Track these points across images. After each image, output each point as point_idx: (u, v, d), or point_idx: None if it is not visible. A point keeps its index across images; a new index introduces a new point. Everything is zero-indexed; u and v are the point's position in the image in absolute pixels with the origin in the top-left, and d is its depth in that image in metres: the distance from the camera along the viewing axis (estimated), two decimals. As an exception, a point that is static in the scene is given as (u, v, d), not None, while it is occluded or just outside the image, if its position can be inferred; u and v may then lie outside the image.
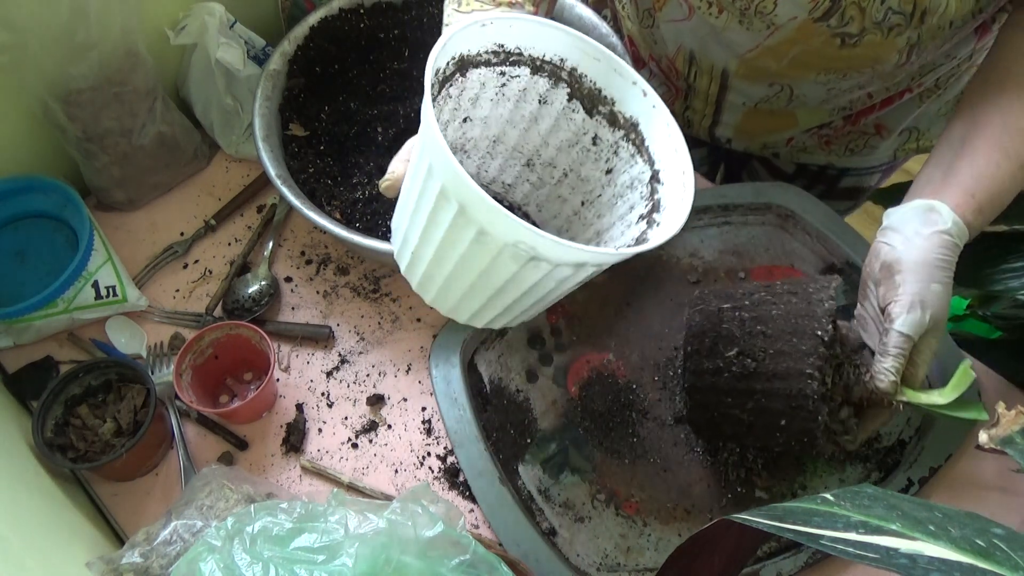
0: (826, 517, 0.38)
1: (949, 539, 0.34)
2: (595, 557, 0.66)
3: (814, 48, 0.71)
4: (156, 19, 0.82)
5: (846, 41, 0.70)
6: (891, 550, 0.34)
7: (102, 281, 0.76)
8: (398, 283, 0.81)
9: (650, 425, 0.73)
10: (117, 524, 0.68)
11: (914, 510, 0.38)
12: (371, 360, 0.77)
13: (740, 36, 0.74)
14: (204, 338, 0.71)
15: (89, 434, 0.68)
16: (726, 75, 0.81)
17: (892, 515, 0.37)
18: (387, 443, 0.72)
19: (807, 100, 0.80)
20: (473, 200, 0.46)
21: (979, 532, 0.35)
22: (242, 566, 0.48)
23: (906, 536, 0.35)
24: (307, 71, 0.84)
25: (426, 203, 0.50)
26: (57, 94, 0.74)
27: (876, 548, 0.34)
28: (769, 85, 0.80)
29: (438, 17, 0.89)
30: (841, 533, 0.36)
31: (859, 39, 0.69)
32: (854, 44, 0.70)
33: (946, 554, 0.33)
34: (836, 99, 0.80)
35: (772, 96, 0.81)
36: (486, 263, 0.50)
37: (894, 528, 0.35)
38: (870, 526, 0.36)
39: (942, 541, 0.34)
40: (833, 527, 0.37)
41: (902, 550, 0.34)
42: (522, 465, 0.70)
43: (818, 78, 0.76)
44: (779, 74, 0.77)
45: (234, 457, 0.71)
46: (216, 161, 0.90)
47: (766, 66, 0.76)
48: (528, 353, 0.76)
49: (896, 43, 0.69)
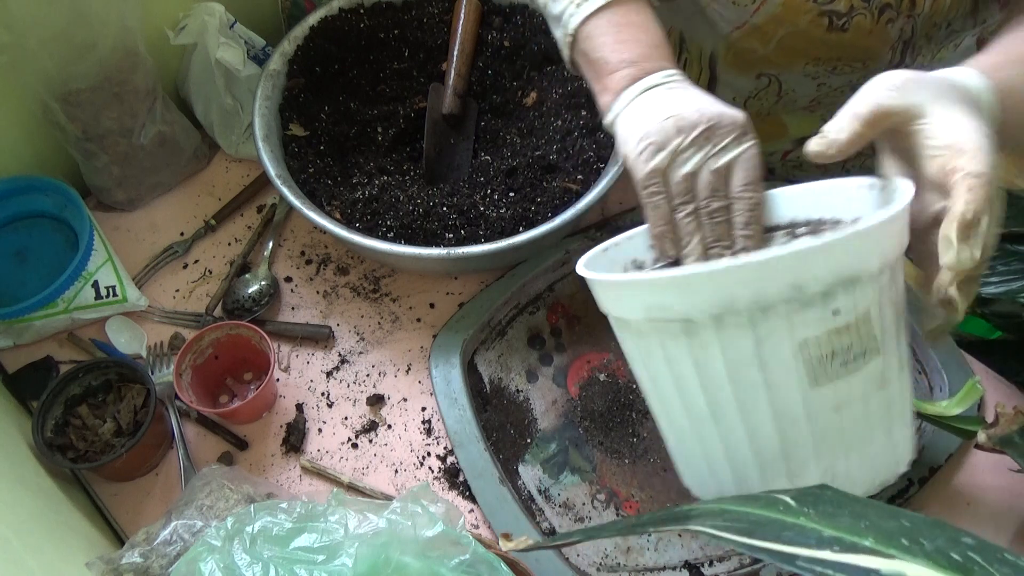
0: (796, 531, 0.37)
1: (924, 554, 0.33)
2: (595, 557, 0.66)
3: (801, 29, 0.70)
4: (156, 19, 0.82)
5: (834, 22, 0.68)
6: (871, 571, 0.33)
7: (102, 281, 0.76)
8: (398, 283, 0.82)
9: (650, 425, 0.73)
10: (117, 524, 0.68)
11: (881, 519, 0.37)
12: (371, 360, 0.77)
13: (727, 10, 0.72)
14: (204, 338, 0.71)
15: (89, 434, 0.68)
16: (714, 62, 0.80)
17: (861, 526, 0.36)
18: (387, 443, 0.72)
19: (796, 97, 0.80)
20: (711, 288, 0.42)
21: (951, 543, 0.34)
22: (242, 566, 0.48)
23: (882, 554, 0.34)
24: (307, 71, 0.84)
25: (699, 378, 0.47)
26: (57, 94, 0.74)
27: (856, 569, 0.34)
28: (757, 77, 0.79)
29: (438, 17, 0.89)
30: (816, 552, 0.35)
31: (848, 20, 0.67)
32: (842, 27, 0.68)
33: (928, 574, 0.32)
34: (827, 100, 0.79)
35: (760, 90, 0.80)
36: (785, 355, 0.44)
37: (867, 545, 0.35)
38: (844, 543, 0.35)
39: (919, 558, 0.33)
40: (806, 544, 0.36)
41: (883, 571, 0.33)
42: (522, 465, 0.70)
43: (806, 68, 0.75)
44: (766, 61, 0.76)
45: (234, 457, 0.71)
46: (216, 161, 0.90)
47: (752, 48, 0.75)
48: (528, 353, 0.76)
49: (887, 33, 0.68)
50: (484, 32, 0.87)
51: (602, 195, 0.72)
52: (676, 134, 0.54)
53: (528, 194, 0.76)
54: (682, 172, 0.54)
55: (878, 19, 0.67)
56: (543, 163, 0.78)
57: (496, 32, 0.87)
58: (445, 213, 0.74)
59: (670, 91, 0.57)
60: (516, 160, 0.79)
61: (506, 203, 0.76)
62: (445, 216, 0.74)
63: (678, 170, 0.54)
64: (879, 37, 0.69)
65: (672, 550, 0.66)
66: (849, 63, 0.72)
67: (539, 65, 0.86)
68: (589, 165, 0.77)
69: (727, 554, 0.66)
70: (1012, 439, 0.56)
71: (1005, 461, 0.64)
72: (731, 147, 0.54)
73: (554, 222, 0.71)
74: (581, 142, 0.79)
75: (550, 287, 0.79)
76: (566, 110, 0.82)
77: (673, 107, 0.55)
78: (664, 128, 0.54)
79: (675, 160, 0.54)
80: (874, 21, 0.67)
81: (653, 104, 0.56)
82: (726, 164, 0.54)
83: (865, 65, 0.72)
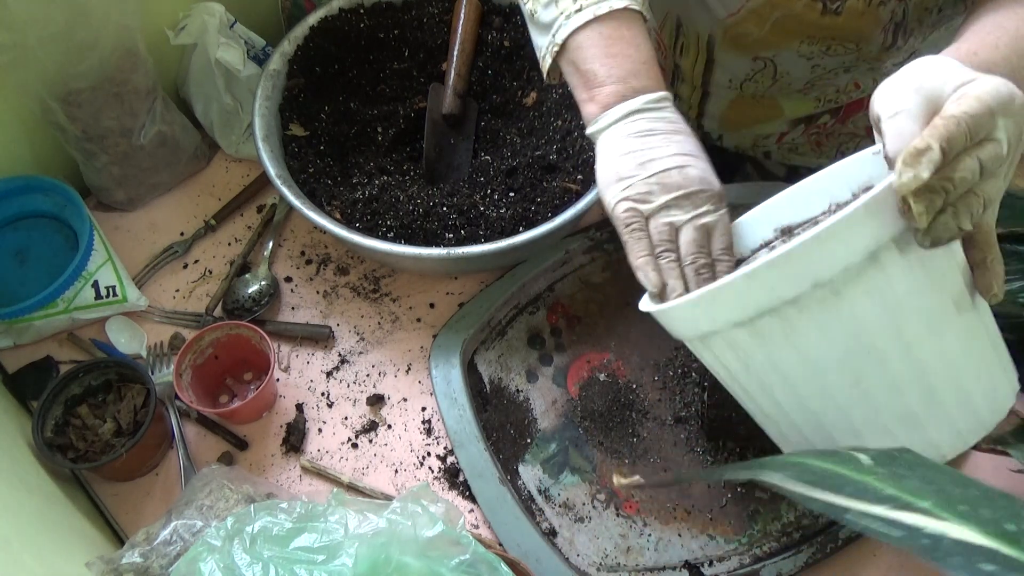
0: (858, 487, 0.38)
1: (978, 521, 0.33)
2: (595, 557, 0.66)
3: (795, 12, 0.71)
4: (156, 19, 0.82)
5: (827, 6, 0.69)
6: (915, 529, 0.34)
7: (102, 281, 0.76)
8: (398, 283, 0.82)
9: (650, 425, 0.73)
10: (117, 524, 0.68)
11: (950, 485, 0.37)
12: (371, 360, 0.77)
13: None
14: (204, 338, 0.71)
15: (89, 434, 0.68)
16: (712, 45, 0.81)
17: (927, 490, 0.36)
18: (387, 443, 0.72)
19: (791, 79, 0.80)
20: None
21: (1011, 516, 0.34)
22: (242, 566, 0.48)
23: (935, 515, 0.34)
24: (307, 71, 0.84)
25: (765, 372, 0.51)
26: (57, 94, 0.74)
27: (901, 525, 0.34)
28: (753, 59, 0.79)
29: (438, 17, 0.89)
30: (869, 507, 0.36)
31: (841, 3, 0.68)
32: (836, 10, 0.69)
33: (971, 537, 0.33)
34: (821, 82, 0.80)
35: (756, 73, 0.81)
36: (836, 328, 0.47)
37: (925, 506, 0.35)
38: (900, 501, 0.36)
39: (971, 523, 0.33)
40: (863, 499, 0.37)
41: (927, 530, 0.33)
42: (522, 465, 0.70)
43: (801, 48, 0.75)
44: (762, 43, 0.76)
45: (234, 457, 0.71)
46: (216, 161, 0.90)
47: (748, 32, 0.75)
48: (528, 353, 0.76)
49: (879, 16, 0.69)
50: (484, 32, 0.87)
51: (602, 195, 0.72)
52: (660, 192, 0.57)
53: (528, 194, 0.76)
54: (664, 221, 0.57)
55: (870, 2, 0.68)
56: (543, 163, 0.78)
57: (496, 32, 0.87)
58: (445, 213, 0.74)
59: (652, 124, 0.59)
60: (516, 160, 0.79)
61: (506, 203, 0.76)
62: (445, 216, 0.74)
63: (660, 219, 0.57)
64: (871, 20, 0.69)
65: (672, 550, 0.66)
66: (843, 44, 0.73)
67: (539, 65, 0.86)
68: (589, 165, 0.77)
69: (727, 554, 0.66)
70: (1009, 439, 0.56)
71: (1005, 461, 0.64)
72: (711, 211, 0.57)
73: (554, 222, 0.71)
74: (581, 142, 0.79)
75: (550, 287, 0.79)
76: (566, 110, 0.82)
77: (655, 158, 0.57)
78: (647, 183, 0.57)
79: (656, 213, 0.57)
80: (866, 4, 0.68)
81: (634, 142, 0.58)
82: (708, 225, 0.57)
83: (858, 47, 0.73)
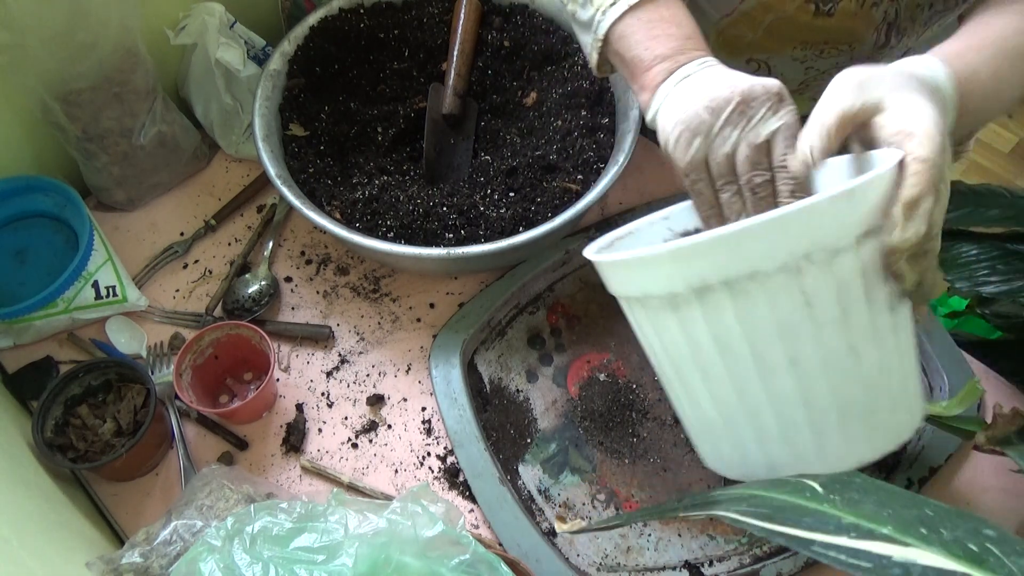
0: (816, 517, 0.38)
1: (942, 543, 0.34)
2: (595, 557, 0.66)
3: (788, 15, 0.70)
4: (156, 19, 0.82)
5: (820, 8, 0.69)
6: (884, 558, 0.34)
7: (102, 281, 0.76)
8: (398, 283, 0.82)
9: (650, 425, 0.73)
10: (117, 524, 0.68)
11: (905, 507, 0.37)
12: (371, 360, 0.77)
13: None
14: (204, 338, 0.71)
15: (89, 434, 0.68)
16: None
17: (883, 515, 0.37)
18: (387, 443, 0.72)
19: (785, 81, 0.80)
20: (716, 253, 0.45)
21: (971, 534, 0.34)
22: (242, 566, 0.48)
23: (898, 542, 0.34)
24: (307, 71, 0.84)
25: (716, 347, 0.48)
26: (57, 94, 0.74)
27: (869, 556, 0.34)
28: (747, 62, 0.79)
29: (438, 17, 0.89)
30: (832, 538, 0.36)
31: (833, 5, 0.68)
32: (828, 12, 0.69)
33: (940, 562, 0.33)
34: (815, 83, 0.80)
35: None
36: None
37: (886, 532, 0.35)
38: (862, 529, 0.36)
39: (935, 547, 0.33)
40: (824, 529, 0.37)
41: (895, 558, 0.33)
42: (522, 465, 0.70)
43: (794, 52, 0.75)
44: (756, 46, 0.76)
45: (234, 457, 0.71)
46: (216, 161, 0.90)
47: (742, 35, 0.75)
48: (528, 353, 0.76)
49: (872, 16, 0.69)
50: (484, 32, 0.87)
51: (602, 195, 0.72)
52: (710, 116, 0.53)
53: (528, 194, 0.76)
54: (721, 153, 0.53)
55: (863, 3, 0.68)
56: (543, 163, 0.78)
57: (496, 32, 0.87)
58: (445, 213, 0.74)
59: (702, 74, 0.56)
60: (516, 160, 0.79)
61: (506, 203, 0.76)
62: (445, 216, 0.74)
63: (717, 152, 0.53)
64: (864, 20, 0.69)
65: (672, 550, 0.66)
66: (836, 46, 0.73)
67: (539, 65, 0.86)
68: (589, 165, 0.77)
69: (727, 554, 0.66)
70: (1010, 440, 0.56)
71: (1005, 461, 0.64)
72: (768, 118, 0.52)
73: (554, 222, 0.71)
74: (581, 142, 0.79)
75: (550, 287, 0.79)
76: (566, 110, 0.82)
77: (705, 89, 0.54)
78: (697, 113, 0.53)
79: (713, 143, 0.53)
80: (859, 5, 0.68)
81: (687, 91, 0.55)
82: (766, 136, 0.52)
83: (851, 47, 0.73)
